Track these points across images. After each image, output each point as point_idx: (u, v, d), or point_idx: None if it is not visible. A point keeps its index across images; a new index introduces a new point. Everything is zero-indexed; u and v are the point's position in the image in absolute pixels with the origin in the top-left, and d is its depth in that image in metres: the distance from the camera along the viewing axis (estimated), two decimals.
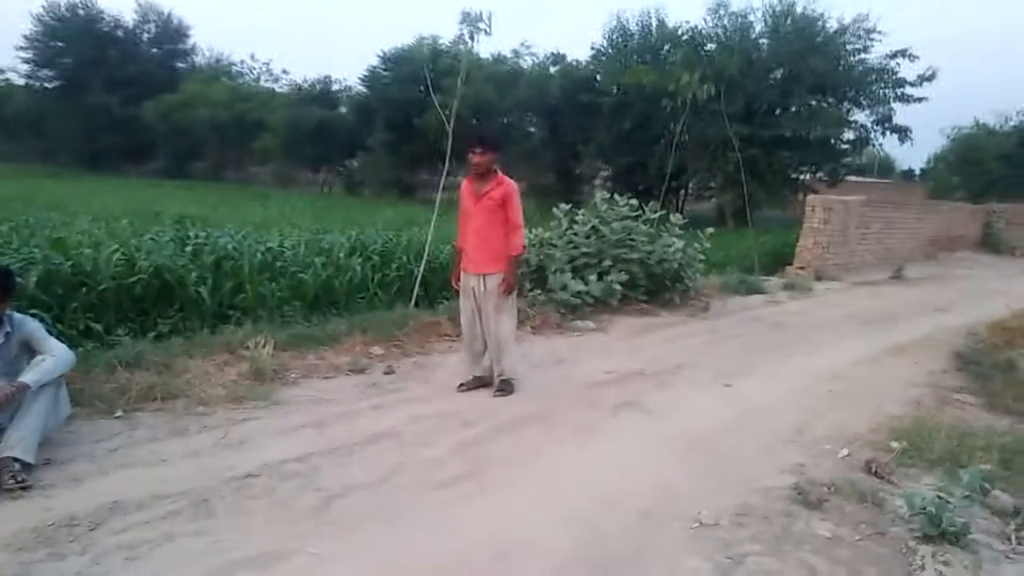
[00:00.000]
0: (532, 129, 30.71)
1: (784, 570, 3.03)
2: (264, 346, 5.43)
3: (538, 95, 27.48)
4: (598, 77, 26.56)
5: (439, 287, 7.98)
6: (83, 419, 4.18)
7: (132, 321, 5.83)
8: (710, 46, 23.22)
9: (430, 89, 15.27)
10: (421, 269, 7.61)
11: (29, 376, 3.53)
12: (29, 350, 3.74)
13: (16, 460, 3.36)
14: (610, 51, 26.64)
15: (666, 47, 24.87)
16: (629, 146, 24.98)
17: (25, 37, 41.69)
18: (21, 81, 43.61)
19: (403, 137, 30.19)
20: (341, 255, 7.96)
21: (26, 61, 42.36)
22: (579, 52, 54.68)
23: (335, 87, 37.51)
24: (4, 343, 3.67)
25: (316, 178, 38.87)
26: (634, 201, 9.05)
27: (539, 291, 7.81)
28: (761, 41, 23.07)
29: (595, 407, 5.05)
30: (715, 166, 21.83)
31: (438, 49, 28.83)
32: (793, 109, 22.37)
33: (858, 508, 3.65)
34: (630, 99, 23.56)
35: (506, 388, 5.23)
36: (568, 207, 9.01)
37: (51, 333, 3.93)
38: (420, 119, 27.46)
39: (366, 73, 33.03)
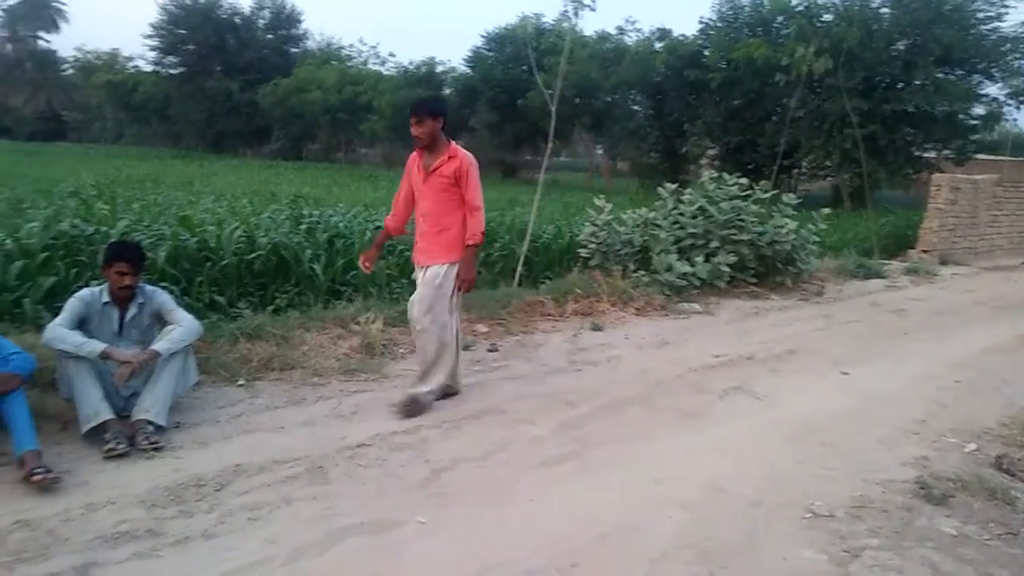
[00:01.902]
0: (636, 107, 30.12)
1: (904, 566, 2.87)
2: (374, 321, 5.59)
3: (643, 72, 26.88)
4: (706, 52, 25.68)
5: (542, 267, 8.00)
6: (209, 386, 4.44)
7: (252, 295, 6.12)
8: (827, 17, 21.99)
9: (533, 68, 15.17)
10: (524, 249, 7.63)
11: (160, 344, 3.76)
12: (160, 320, 3.99)
13: (149, 423, 3.61)
14: (719, 25, 25.70)
15: (779, 19, 23.76)
16: (738, 123, 24.11)
17: (152, 26, 44.29)
18: (149, 68, 46.45)
19: (506, 118, 30.30)
20: None
21: (153, 48, 45.03)
22: (686, 27, 53.25)
23: (439, 69, 38.00)
24: (138, 313, 3.92)
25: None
26: (743, 180, 8.74)
27: (643, 272, 7.69)
28: (882, 10, 21.65)
29: (702, 391, 4.93)
30: (831, 144, 20.74)
31: (542, 28, 28.64)
32: (917, 82, 20.92)
33: (987, 506, 3.42)
34: (740, 74, 22.68)
35: (413, 407, 4.17)
36: (674, 187, 8.81)
37: (179, 305, 4.17)
38: (523, 99, 27.45)
39: (470, 54, 33.29)
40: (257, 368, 4.73)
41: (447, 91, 36.08)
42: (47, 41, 57.91)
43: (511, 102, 29.10)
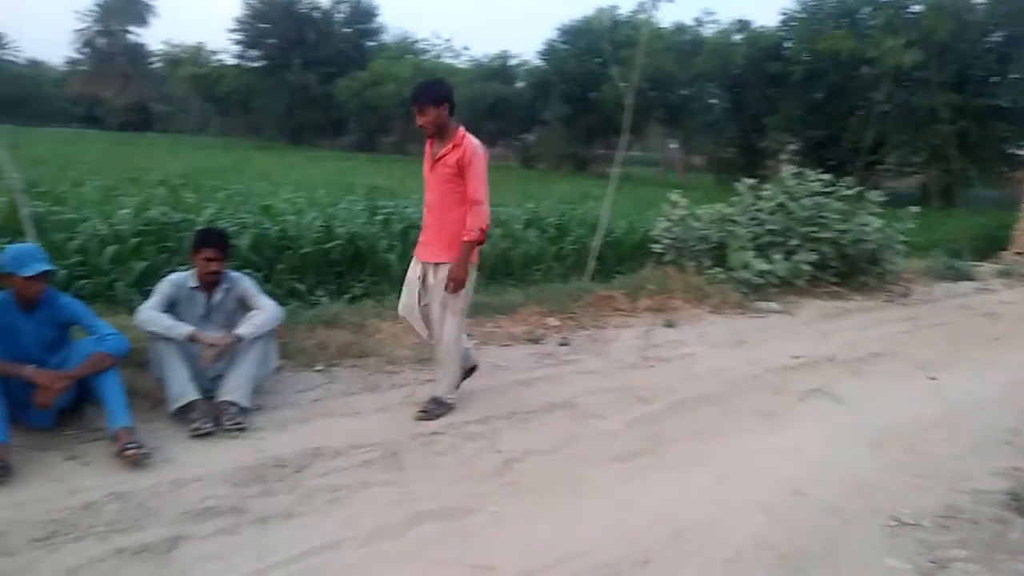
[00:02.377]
0: (713, 101, 29.55)
1: None
2: None
3: (721, 65, 26.38)
4: (787, 44, 25.00)
5: (614, 261, 7.93)
6: (289, 370, 4.56)
7: (329, 283, 6.26)
8: (916, 8, 21.11)
9: (609, 61, 15.02)
10: (597, 243, 7.58)
11: (243, 329, 3.88)
12: (244, 305, 4.12)
13: (233, 404, 3.73)
14: (802, 16, 24.97)
15: (865, 10, 22.92)
16: (820, 118, 23.40)
17: (236, 20, 45.82)
18: (232, 61, 48.10)
19: (579, 111, 30.20)
20: (518, 227, 8.12)
21: (236, 43, 46.60)
22: (766, 18, 51.81)
23: (513, 62, 38.09)
24: (223, 298, 4.06)
25: (493, 152, 39.81)
26: (826, 176, 8.46)
27: (719, 269, 7.53)
28: (976, 1, 20.64)
29: (780, 392, 4.80)
30: (920, 139, 19.92)
31: (618, 20, 28.35)
32: (1014, 76, 19.87)
33: None
34: (823, 67, 22.01)
35: (432, 411, 4.01)
36: (752, 182, 8.60)
37: (262, 291, 4.29)
38: (597, 92, 27.27)
39: (544, 47, 33.26)
40: (334, 354, 4.84)
41: (520, 84, 36.16)
42: (137, 35, 60.56)
43: (584, 95, 29.00)
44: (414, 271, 4.10)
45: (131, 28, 60.62)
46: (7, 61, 56.83)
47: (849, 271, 8.20)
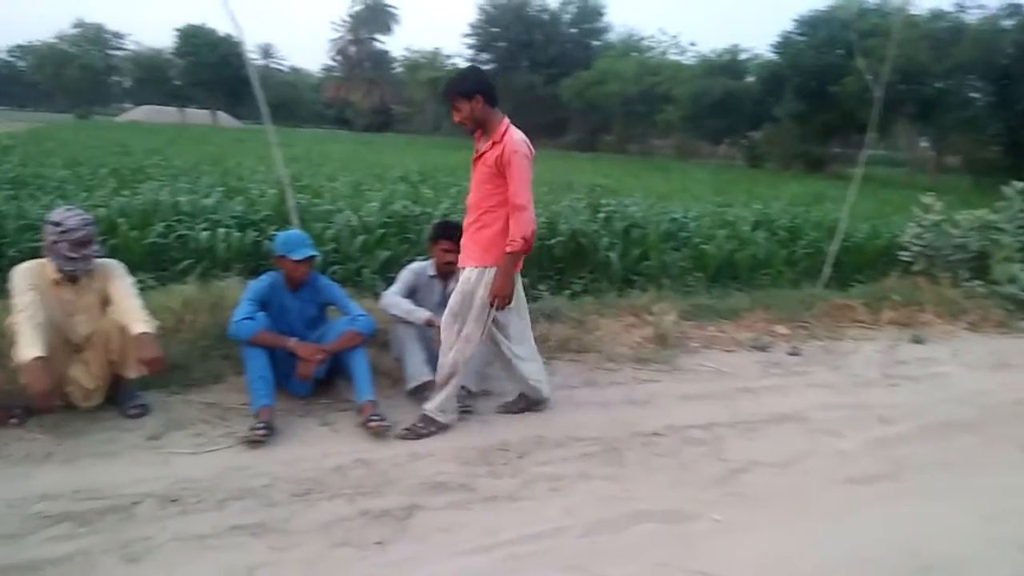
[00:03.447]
0: (974, 94, 26.36)
1: None
2: (668, 313, 5.56)
3: (985, 54, 23.47)
4: None
5: (853, 268, 7.35)
6: None
7: (551, 278, 6.41)
8: None
9: (852, 52, 13.91)
10: (834, 248, 7.06)
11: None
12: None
13: (463, 388, 3.92)
14: None
15: None
16: None
17: (470, 25, 48.54)
18: (465, 65, 50.89)
19: (815, 107, 28.32)
20: (745, 229, 7.80)
21: (469, 47, 49.35)
22: None
23: (743, 56, 36.60)
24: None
25: (717, 150, 38.64)
26: None
27: (979, 282, 6.71)
28: None
29: None
30: None
31: (865, 8, 26.19)
32: None
33: None
34: None
35: (416, 429, 3.59)
36: (1022, 185, 7.54)
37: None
38: (836, 86, 25.40)
39: (778, 40, 31.59)
40: (554, 348, 4.94)
41: (749, 79, 34.64)
42: (382, 43, 66.15)
43: (821, 89, 27.13)
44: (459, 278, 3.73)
45: (377, 36, 66.36)
46: (274, 69, 64.68)
47: None
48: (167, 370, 3.61)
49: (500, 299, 3.51)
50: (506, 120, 3.57)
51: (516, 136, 3.50)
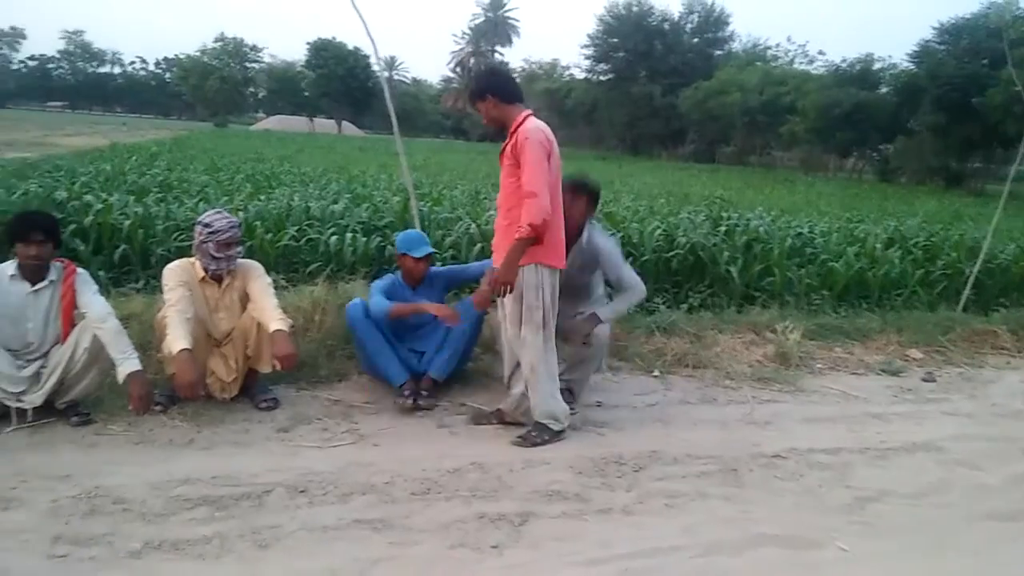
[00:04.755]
0: None
1: None
2: (791, 332, 5.36)
3: None
4: None
5: (996, 291, 6.84)
6: (626, 373, 4.72)
7: (667, 291, 6.30)
8: None
9: (1006, 60, 12.96)
10: (975, 270, 6.60)
11: (603, 311, 3.90)
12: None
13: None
14: None
15: None
16: None
17: (588, 36, 48.60)
18: (581, 75, 51.15)
19: (955, 119, 26.56)
20: (877, 246, 7.41)
21: (587, 57, 49.43)
22: None
23: (877, 66, 34.82)
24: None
25: (844, 164, 36.93)
26: None
27: None
28: None
29: None
30: None
31: (1017, 15, 24.38)
32: None
33: None
34: None
35: (530, 438, 3.56)
36: None
37: None
38: (980, 98, 23.74)
39: (916, 48, 29.87)
40: (671, 362, 4.88)
41: (883, 89, 32.94)
42: (502, 54, 67.30)
43: (963, 101, 25.39)
44: None
45: (498, 48, 67.59)
46: (397, 80, 67.05)
47: None
48: (297, 367, 3.81)
49: (499, 283, 3.38)
50: (525, 112, 3.46)
51: (531, 124, 3.37)
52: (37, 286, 3.50)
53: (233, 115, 69.31)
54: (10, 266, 3.49)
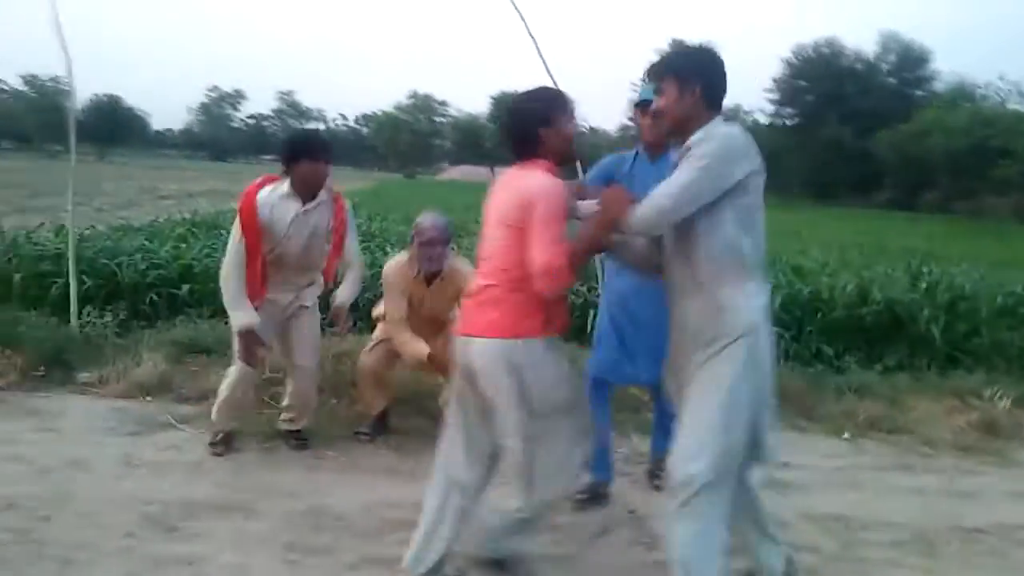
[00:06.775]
0: None
1: None
2: (999, 398, 5.02)
3: None
4: None
5: None
6: (813, 434, 4.63)
7: (859, 350, 6.06)
8: None
9: None
10: None
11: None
12: None
13: None
14: None
15: None
16: None
17: (773, 79, 47.28)
18: (765, 120, 49.68)
19: None
20: None
21: (772, 102, 48.02)
22: None
23: None
24: None
25: None
26: None
27: None
28: None
29: None
30: None
31: None
32: None
33: None
34: None
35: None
36: None
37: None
38: None
39: None
40: (862, 425, 4.73)
41: None
42: None
43: None
44: None
45: None
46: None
47: None
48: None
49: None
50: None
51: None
52: (307, 206, 3.64)
53: (421, 166, 74.06)
54: (283, 185, 3.63)
